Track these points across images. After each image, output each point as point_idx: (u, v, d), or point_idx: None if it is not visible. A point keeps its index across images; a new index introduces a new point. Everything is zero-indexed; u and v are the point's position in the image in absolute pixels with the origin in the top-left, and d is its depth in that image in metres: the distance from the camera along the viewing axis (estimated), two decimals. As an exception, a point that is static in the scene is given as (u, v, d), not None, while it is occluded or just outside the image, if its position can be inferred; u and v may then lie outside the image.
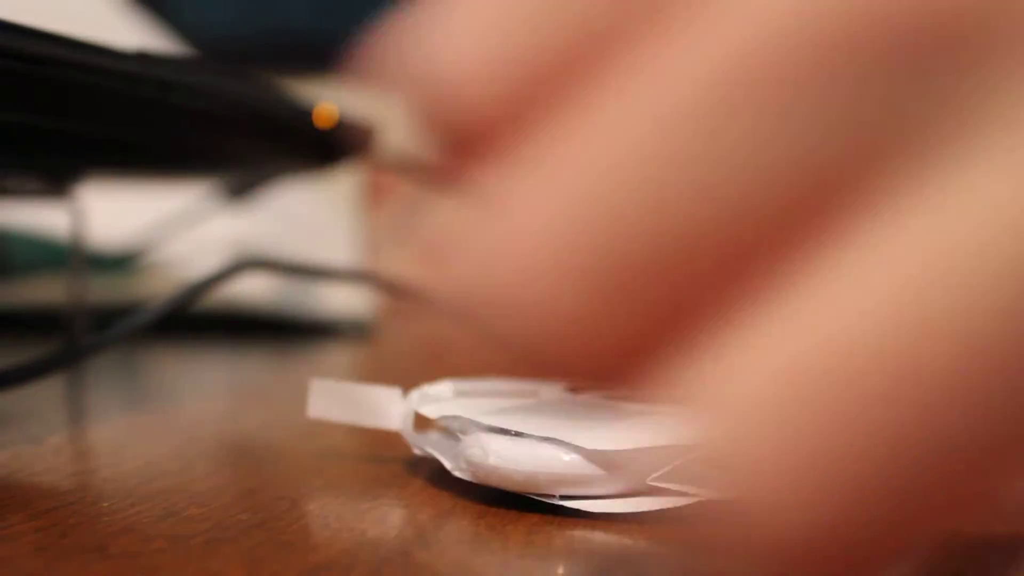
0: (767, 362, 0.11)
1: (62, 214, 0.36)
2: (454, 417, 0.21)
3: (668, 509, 0.19)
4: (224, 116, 0.29)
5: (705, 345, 0.11)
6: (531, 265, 0.11)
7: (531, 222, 0.11)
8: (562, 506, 0.19)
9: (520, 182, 0.11)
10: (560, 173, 0.11)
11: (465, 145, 0.12)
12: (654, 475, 0.19)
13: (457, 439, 0.21)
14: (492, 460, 0.19)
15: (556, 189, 0.11)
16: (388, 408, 0.23)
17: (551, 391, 0.24)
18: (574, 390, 0.24)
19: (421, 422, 0.23)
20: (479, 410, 0.21)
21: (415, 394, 0.23)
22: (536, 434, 0.19)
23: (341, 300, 0.49)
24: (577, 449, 0.19)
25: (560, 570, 0.16)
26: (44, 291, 0.45)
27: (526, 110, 0.12)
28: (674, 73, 0.11)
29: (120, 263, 0.47)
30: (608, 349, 0.11)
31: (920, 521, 0.11)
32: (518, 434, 0.20)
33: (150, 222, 0.47)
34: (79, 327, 0.34)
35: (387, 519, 0.19)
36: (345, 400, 0.23)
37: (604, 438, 0.19)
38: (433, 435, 0.23)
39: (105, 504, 0.19)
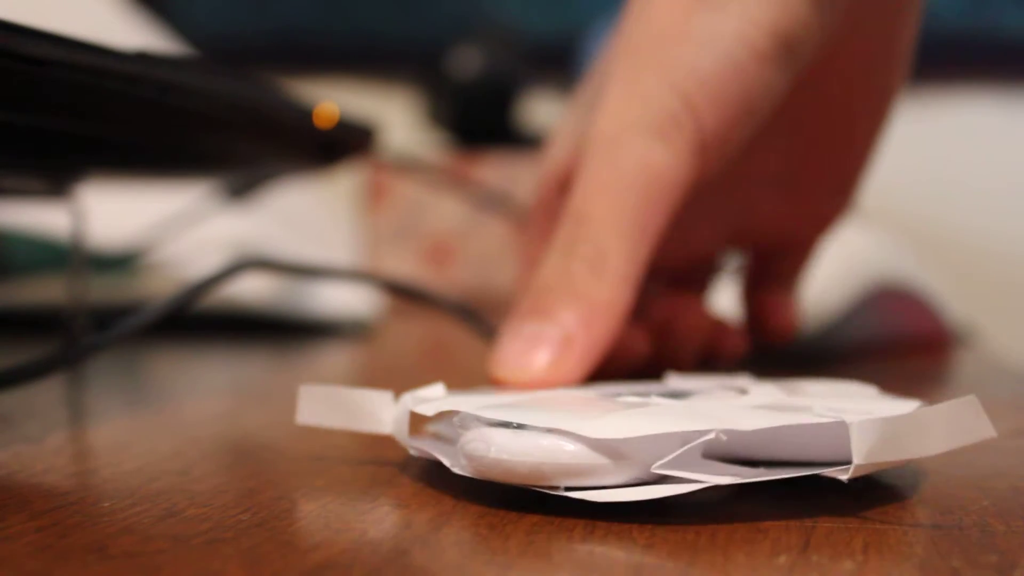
0: None
1: (62, 214, 0.36)
2: (455, 414, 0.21)
3: (673, 497, 0.19)
4: (224, 116, 0.29)
5: None
6: None
7: None
8: (566, 499, 0.19)
9: None
10: None
11: None
12: (659, 463, 0.19)
13: (454, 437, 0.21)
14: (494, 453, 0.19)
15: None
16: (379, 412, 0.23)
17: (549, 391, 0.24)
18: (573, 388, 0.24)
19: (415, 426, 0.23)
20: (479, 404, 0.21)
21: (407, 397, 0.23)
22: (539, 425, 0.19)
23: (341, 300, 0.49)
24: (581, 439, 0.19)
25: (560, 571, 0.16)
26: (44, 291, 0.45)
27: None
28: None
29: (120, 263, 0.47)
30: None
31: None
32: (520, 426, 0.19)
33: (150, 222, 0.47)
34: (79, 327, 0.34)
35: (387, 519, 0.19)
36: (335, 405, 0.23)
37: (608, 427, 0.19)
38: (428, 435, 0.23)
39: (105, 504, 0.19)
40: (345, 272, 0.33)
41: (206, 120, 0.29)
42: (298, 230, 0.56)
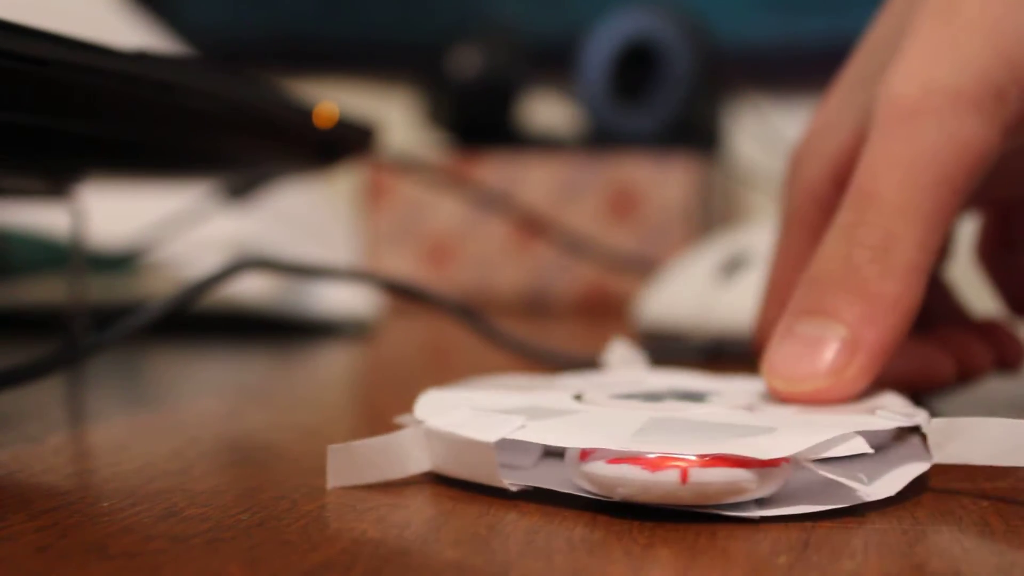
0: None
1: (62, 214, 0.36)
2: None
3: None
4: (224, 116, 0.29)
5: None
6: None
7: None
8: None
9: None
10: None
11: None
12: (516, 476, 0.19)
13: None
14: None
15: None
16: (411, 450, 0.21)
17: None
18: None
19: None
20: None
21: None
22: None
23: (341, 300, 0.49)
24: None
25: (560, 571, 0.16)
26: (44, 291, 0.45)
27: None
28: None
29: (120, 263, 0.47)
30: None
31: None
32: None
33: (150, 222, 0.47)
34: (79, 327, 0.34)
35: (387, 519, 0.19)
36: (365, 460, 0.21)
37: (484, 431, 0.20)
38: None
39: (105, 504, 0.19)
40: (345, 272, 0.33)
41: (206, 120, 0.29)
42: (298, 230, 0.56)
